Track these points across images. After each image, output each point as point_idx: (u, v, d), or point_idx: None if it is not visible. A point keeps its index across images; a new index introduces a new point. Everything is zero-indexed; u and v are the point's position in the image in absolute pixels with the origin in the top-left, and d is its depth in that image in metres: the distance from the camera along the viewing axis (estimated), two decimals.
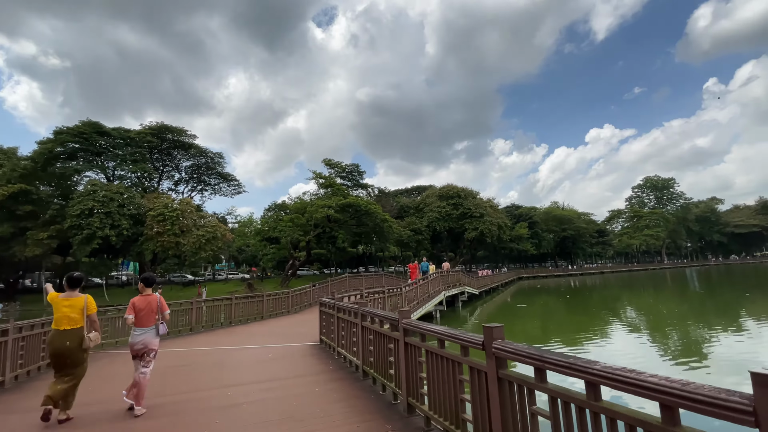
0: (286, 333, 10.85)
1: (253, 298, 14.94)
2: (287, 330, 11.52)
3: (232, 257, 69.65)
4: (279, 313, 15.15)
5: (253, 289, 44.39)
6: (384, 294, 11.74)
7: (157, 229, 38.97)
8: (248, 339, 10.17)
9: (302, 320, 13.47)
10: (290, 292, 15.48)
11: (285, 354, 8.65)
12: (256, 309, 14.60)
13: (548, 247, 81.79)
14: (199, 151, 54.89)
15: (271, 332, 10.99)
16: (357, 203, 38.48)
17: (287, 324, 13.07)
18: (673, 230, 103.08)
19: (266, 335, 10.76)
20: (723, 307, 22.80)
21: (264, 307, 14.78)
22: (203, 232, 39.73)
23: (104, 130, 44.92)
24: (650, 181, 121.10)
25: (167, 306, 5.79)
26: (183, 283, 54.67)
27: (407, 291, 13.39)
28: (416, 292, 14.63)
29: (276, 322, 13.66)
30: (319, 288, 18.03)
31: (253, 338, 10.32)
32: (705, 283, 45.62)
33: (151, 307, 5.49)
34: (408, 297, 13.10)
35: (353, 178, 49.70)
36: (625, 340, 14.90)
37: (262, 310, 14.77)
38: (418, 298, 14.65)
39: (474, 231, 52.52)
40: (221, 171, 58.53)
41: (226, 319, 13.63)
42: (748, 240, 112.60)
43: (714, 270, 77.17)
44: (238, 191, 61.16)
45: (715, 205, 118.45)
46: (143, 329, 5.41)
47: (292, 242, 45.19)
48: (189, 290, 49.07)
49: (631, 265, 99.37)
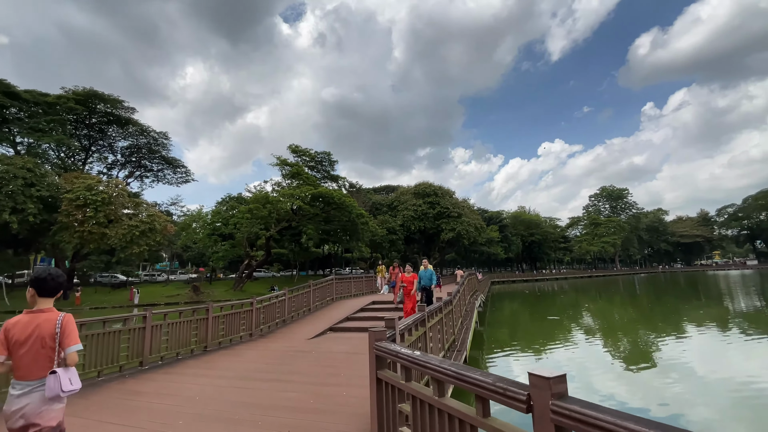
0: (296, 379, 5.74)
1: (242, 307, 9.44)
2: (294, 368, 6.31)
3: (176, 256, 60.91)
4: (272, 327, 10.17)
5: (199, 293, 37.36)
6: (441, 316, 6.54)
7: (76, 217, 31.18)
8: (233, 404, 4.85)
9: (307, 347, 8.25)
10: (275, 300, 10.13)
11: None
12: (243, 323, 9.38)
13: (516, 251, 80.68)
14: (139, 129, 46.61)
15: (271, 375, 5.62)
16: (330, 195, 33.05)
17: (289, 349, 7.94)
18: (626, 238, 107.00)
19: (265, 388, 5.32)
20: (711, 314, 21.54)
21: (254, 320, 9.63)
22: (137, 222, 32.37)
23: (12, 91, 35.88)
24: (606, 190, 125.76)
25: (77, 335, 2.82)
26: (112, 284, 45.91)
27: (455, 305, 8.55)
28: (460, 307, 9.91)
29: (271, 345, 8.61)
30: (301, 295, 12.70)
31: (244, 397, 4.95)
32: (672, 288, 45.06)
33: (41, 339, 2.68)
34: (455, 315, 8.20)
35: (323, 168, 44.05)
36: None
37: (251, 325, 9.57)
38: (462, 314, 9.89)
39: (451, 232, 48.87)
40: (166, 155, 50.39)
41: (199, 344, 8.09)
42: (690, 249, 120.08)
43: (662, 277, 79.69)
44: (185, 179, 53.17)
45: (661, 215, 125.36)
46: (26, 384, 2.64)
47: (249, 239, 38.75)
48: (119, 293, 40.97)
49: (591, 271, 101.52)
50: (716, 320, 18.95)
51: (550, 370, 1.54)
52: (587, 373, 10.56)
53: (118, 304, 37.11)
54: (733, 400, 8.11)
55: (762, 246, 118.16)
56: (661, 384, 9.37)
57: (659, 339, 15.11)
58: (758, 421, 7.00)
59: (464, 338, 9.10)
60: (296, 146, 41.31)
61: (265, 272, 53.36)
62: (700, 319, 19.59)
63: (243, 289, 38.88)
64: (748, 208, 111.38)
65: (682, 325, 17.98)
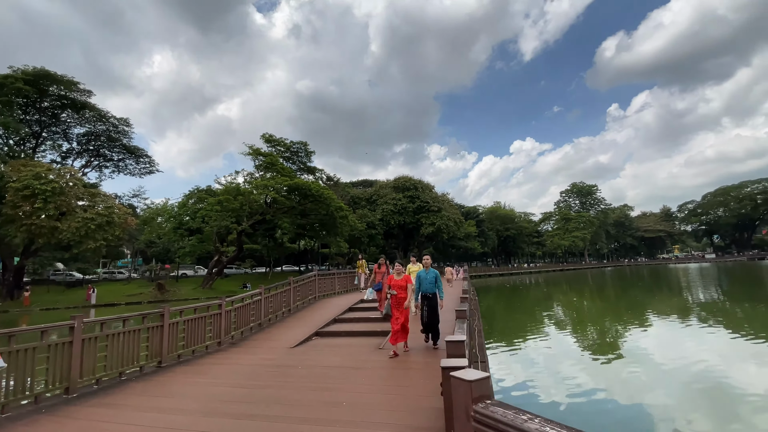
0: (279, 413, 4.15)
1: (207, 310, 7.61)
2: (276, 393, 4.81)
3: (140, 252, 57.05)
4: (246, 333, 8.54)
5: (165, 291, 34.71)
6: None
7: (23, 208, 27.99)
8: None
9: (291, 359, 6.70)
10: (249, 300, 8.30)
11: None
12: (209, 330, 7.70)
13: (492, 246, 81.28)
14: (97, 114, 42.85)
15: (243, 406, 4.23)
16: (307, 186, 31.16)
17: (267, 363, 6.39)
18: (595, 233, 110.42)
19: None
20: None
21: (223, 325, 7.95)
22: (93, 214, 29.42)
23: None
24: (576, 186, 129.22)
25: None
26: (67, 283, 42.19)
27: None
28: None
29: (244, 357, 6.98)
30: (280, 294, 11.06)
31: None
32: (637, 280, 46.37)
33: None
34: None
35: (299, 159, 41.92)
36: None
37: (219, 332, 7.89)
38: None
39: (431, 226, 48.06)
40: (127, 143, 46.69)
41: (151, 358, 6.38)
42: (653, 243, 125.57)
43: (628, 270, 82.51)
44: (149, 170, 49.56)
45: (627, 211, 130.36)
46: None
47: (219, 233, 36.27)
48: (74, 293, 37.63)
49: (562, 264, 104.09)
50: (677, 311, 19.89)
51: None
52: (556, 362, 11.09)
53: (72, 304, 33.94)
54: (689, 386, 8.59)
55: (719, 240, 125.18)
56: (627, 373, 9.78)
57: (625, 329, 15.76)
58: (713, 407, 7.48)
59: (482, 344, 7.89)
60: (270, 135, 39.02)
61: (236, 268, 50.75)
62: (662, 310, 20.47)
63: (213, 287, 36.49)
64: (707, 205, 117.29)
65: (645, 317, 18.66)
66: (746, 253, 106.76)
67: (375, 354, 6.96)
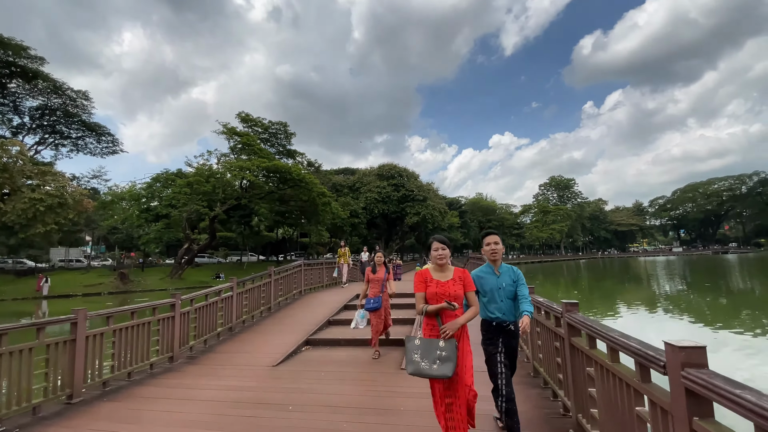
0: None
1: (154, 313, 5.46)
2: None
3: (103, 238, 52.89)
4: (211, 342, 6.15)
5: (127, 282, 31.70)
6: None
7: None
8: None
9: (274, 389, 4.72)
10: (216, 298, 6.29)
11: None
12: (157, 340, 5.54)
13: (474, 237, 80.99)
14: (52, 85, 38.64)
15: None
16: (287, 170, 28.72)
17: (237, 400, 4.30)
18: (572, 226, 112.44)
19: None
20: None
21: (177, 333, 5.76)
22: (41, 195, 26.08)
23: None
24: (555, 180, 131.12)
25: None
26: (17, 271, 38.18)
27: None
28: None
29: (205, 384, 4.79)
30: (258, 289, 8.94)
31: None
32: (610, 272, 47.03)
33: None
34: None
35: (279, 142, 39.15)
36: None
37: (171, 343, 5.73)
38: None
39: (416, 216, 46.47)
40: (87, 119, 42.55)
41: (59, 390, 4.23)
42: (625, 236, 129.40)
43: (601, 262, 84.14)
44: (112, 150, 45.64)
45: (602, 205, 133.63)
46: None
47: (190, 219, 33.33)
48: (25, 282, 33.97)
49: (540, 256, 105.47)
50: (645, 301, 20.60)
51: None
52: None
53: (20, 295, 30.50)
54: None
55: (685, 234, 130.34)
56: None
57: (599, 319, 15.57)
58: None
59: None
60: (246, 114, 36.03)
61: (208, 257, 47.72)
62: (632, 300, 21.23)
63: (182, 277, 33.70)
64: (676, 200, 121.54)
65: (616, 307, 19.22)
66: (711, 247, 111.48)
67: (401, 378, 4.83)
